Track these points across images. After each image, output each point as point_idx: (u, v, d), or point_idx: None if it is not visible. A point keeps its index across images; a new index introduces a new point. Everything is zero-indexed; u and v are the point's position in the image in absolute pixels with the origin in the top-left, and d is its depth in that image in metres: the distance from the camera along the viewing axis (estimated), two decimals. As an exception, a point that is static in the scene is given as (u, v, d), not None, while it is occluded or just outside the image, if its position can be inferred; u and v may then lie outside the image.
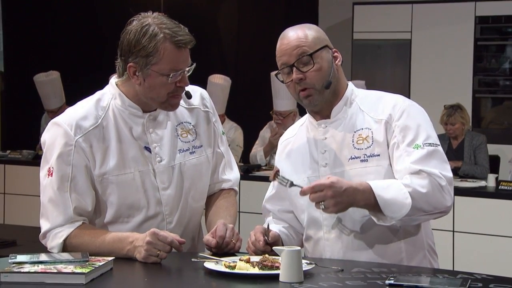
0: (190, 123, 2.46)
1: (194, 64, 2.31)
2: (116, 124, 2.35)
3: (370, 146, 2.28)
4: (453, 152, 6.18)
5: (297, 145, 2.44)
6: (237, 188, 2.64)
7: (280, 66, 2.32)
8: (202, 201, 2.52)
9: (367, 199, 2.15)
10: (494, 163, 6.38)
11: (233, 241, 2.30)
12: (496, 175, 5.84)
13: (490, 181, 5.67)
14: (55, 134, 2.31)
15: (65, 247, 2.28)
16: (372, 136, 2.29)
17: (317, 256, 2.37)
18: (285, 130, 2.60)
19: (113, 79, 2.39)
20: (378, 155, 2.28)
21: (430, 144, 2.24)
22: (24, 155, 7.17)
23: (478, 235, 5.38)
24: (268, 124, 6.79)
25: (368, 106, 2.34)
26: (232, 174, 2.59)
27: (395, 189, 2.16)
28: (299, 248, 2.00)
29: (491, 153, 6.42)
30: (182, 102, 2.43)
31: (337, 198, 2.08)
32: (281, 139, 2.54)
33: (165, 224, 2.38)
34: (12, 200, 6.94)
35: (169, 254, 2.19)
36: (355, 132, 2.31)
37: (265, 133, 6.75)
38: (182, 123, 2.44)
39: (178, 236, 2.22)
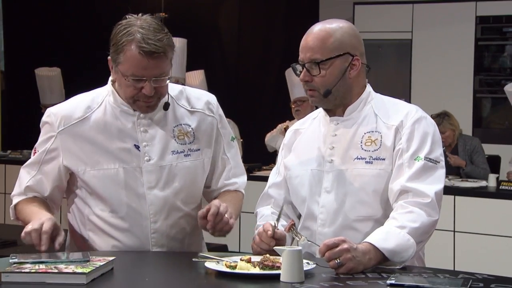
0: (190, 126, 2.44)
1: (167, 77, 2.30)
2: (105, 119, 2.37)
3: (377, 149, 2.31)
4: (447, 158, 6.16)
5: (306, 137, 2.47)
6: (243, 191, 2.60)
7: (298, 59, 2.36)
8: (194, 204, 2.47)
9: (376, 258, 2.11)
10: (494, 163, 6.37)
11: (227, 216, 2.27)
12: (497, 175, 5.84)
13: (491, 181, 5.67)
14: (44, 121, 2.45)
15: (15, 213, 2.47)
16: (381, 140, 2.31)
17: (307, 247, 2.37)
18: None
19: (111, 77, 2.41)
20: (384, 159, 2.30)
21: (430, 160, 2.28)
22: (25, 155, 7.16)
23: (479, 235, 5.38)
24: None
25: (382, 111, 2.37)
26: (239, 179, 2.57)
27: (394, 236, 2.15)
28: (300, 248, 2.00)
29: (492, 153, 6.42)
30: (185, 104, 2.44)
31: (353, 253, 2.04)
32: (291, 128, 2.56)
33: (149, 223, 2.37)
34: (13, 200, 6.92)
35: (170, 254, 2.19)
36: (365, 133, 2.34)
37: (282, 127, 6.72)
38: (181, 124, 2.43)
39: (62, 236, 2.22)
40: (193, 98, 2.48)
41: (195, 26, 8.34)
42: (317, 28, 2.33)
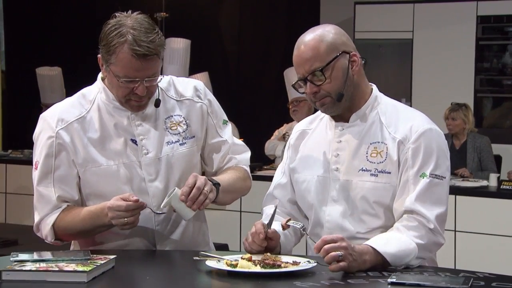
0: (181, 115, 2.44)
1: (159, 78, 2.30)
2: (100, 117, 2.37)
3: (382, 162, 2.27)
4: (456, 153, 6.15)
5: (313, 139, 2.43)
6: (246, 167, 2.54)
7: (297, 77, 2.30)
8: None
9: (373, 261, 2.10)
10: (496, 163, 6.37)
11: (205, 189, 2.23)
12: (498, 175, 5.83)
13: (492, 181, 5.66)
14: (40, 127, 2.39)
15: (56, 232, 2.35)
16: (387, 152, 2.27)
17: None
18: (300, 120, 2.57)
19: (100, 74, 2.41)
20: (389, 172, 2.26)
21: (436, 176, 2.23)
22: (25, 155, 7.16)
23: (479, 234, 5.38)
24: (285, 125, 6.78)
25: (388, 119, 2.31)
26: (239, 155, 2.53)
27: (396, 240, 2.15)
28: (174, 188, 2.25)
29: (493, 153, 6.41)
30: (173, 94, 2.44)
31: (349, 251, 2.03)
32: (298, 127, 2.51)
33: (153, 215, 2.37)
34: (14, 199, 6.92)
35: (170, 252, 2.18)
36: (370, 144, 2.30)
37: (282, 131, 6.72)
38: (171, 116, 2.43)
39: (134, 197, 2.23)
40: (180, 87, 2.47)
41: (196, 26, 8.34)
42: (304, 40, 2.27)
